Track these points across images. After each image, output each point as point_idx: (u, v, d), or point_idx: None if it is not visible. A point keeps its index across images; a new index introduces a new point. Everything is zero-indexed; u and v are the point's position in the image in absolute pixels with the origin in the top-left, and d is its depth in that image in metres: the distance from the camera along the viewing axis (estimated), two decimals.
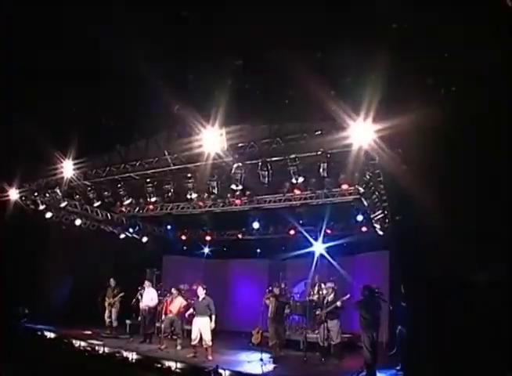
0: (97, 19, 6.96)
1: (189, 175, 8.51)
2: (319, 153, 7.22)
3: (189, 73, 8.03)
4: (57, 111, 9.17)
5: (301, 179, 7.56)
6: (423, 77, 6.44)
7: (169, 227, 12.75)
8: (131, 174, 9.10)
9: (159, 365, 8.15)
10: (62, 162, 9.39)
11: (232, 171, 7.80)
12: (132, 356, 8.61)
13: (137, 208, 12.34)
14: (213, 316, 8.94)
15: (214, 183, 8.32)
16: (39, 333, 10.02)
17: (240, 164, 7.70)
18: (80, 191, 9.71)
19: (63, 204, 10.05)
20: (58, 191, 9.68)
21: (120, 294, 11.24)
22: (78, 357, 8.59)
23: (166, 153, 8.22)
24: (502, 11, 5.06)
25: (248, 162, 7.81)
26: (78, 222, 11.84)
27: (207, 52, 7.62)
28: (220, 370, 7.62)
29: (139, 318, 10.57)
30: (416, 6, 5.66)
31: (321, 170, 7.27)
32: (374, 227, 10.83)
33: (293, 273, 14.07)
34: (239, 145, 7.81)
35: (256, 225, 11.78)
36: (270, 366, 8.39)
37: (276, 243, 14.33)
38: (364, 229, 12.35)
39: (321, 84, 6.92)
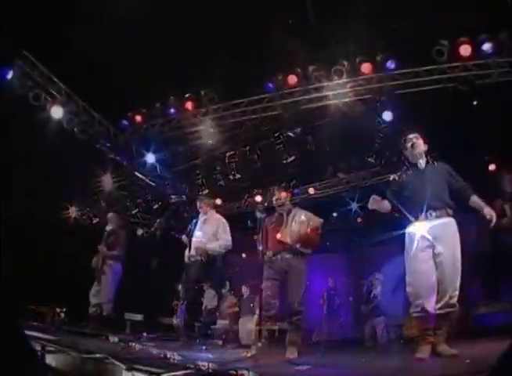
0: None
1: (197, 171, 8.28)
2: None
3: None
4: None
5: (291, 158, 6.72)
6: None
7: None
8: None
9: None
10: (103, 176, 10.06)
11: (226, 161, 7.34)
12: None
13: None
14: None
15: (219, 176, 7.94)
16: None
17: (232, 152, 7.20)
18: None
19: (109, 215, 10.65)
20: (103, 203, 10.35)
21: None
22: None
23: None
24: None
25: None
26: (140, 231, 12.44)
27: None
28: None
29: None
30: None
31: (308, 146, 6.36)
32: None
33: (370, 264, 12.76)
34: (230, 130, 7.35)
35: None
36: (302, 368, 7.59)
37: (347, 234, 13.24)
38: None
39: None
